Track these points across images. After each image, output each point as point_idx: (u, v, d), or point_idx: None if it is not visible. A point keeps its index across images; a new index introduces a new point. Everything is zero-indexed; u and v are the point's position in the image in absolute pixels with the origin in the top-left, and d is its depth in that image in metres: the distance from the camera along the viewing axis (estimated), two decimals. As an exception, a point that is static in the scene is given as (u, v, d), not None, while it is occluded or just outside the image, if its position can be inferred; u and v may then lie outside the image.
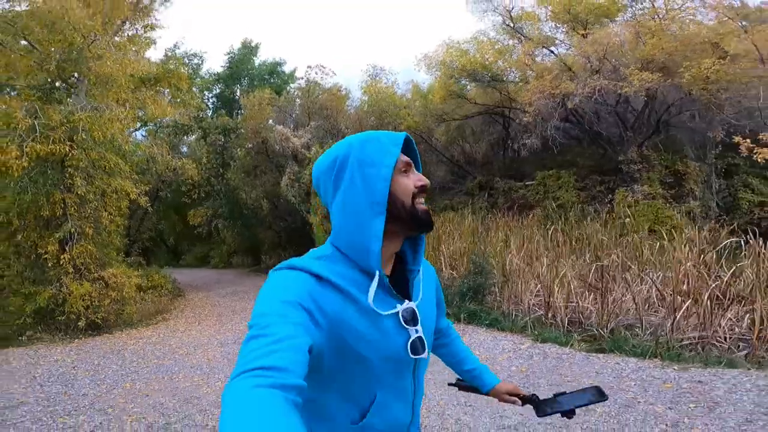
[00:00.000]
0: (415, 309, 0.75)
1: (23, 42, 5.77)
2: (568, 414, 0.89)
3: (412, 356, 0.73)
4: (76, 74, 6.07)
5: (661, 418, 2.51)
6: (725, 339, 3.24)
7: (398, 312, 0.73)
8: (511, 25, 11.25)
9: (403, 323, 0.73)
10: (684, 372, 3.11)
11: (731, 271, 3.82)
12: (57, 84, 6.51)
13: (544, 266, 4.96)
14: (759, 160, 4.83)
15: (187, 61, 13.99)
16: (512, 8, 11.13)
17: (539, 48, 10.30)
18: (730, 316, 3.33)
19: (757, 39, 6.35)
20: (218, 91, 17.36)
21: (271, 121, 13.33)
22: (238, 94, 17.39)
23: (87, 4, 5.68)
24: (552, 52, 9.85)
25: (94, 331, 6.25)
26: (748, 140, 4.94)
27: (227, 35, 30.98)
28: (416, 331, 0.74)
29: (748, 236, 4.49)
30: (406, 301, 0.74)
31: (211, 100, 17.79)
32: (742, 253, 4.44)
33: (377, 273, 0.71)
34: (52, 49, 5.58)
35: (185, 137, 14.17)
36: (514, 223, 8.66)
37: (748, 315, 3.32)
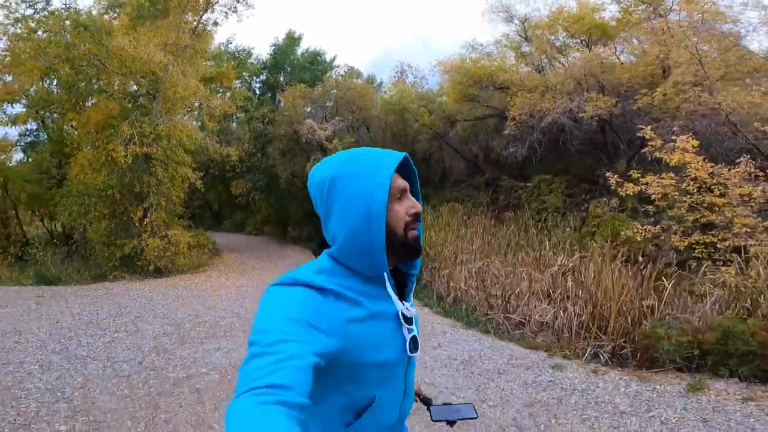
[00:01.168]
0: (411, 309, 0.82)
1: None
2: (451, 424, 1.03)
3: (408, 353, 0.79)
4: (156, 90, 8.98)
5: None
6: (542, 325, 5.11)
7: (399, 312, 0.78)
8: (524, 36, 12.78)
9: (403, 323, 0.79)
10: (499, 341, 5.04)
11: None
12: (142, 92, 9.45)
13: (472, 259, 7.09)
14: (622, 193, 6.39)
15: (237, 56, 16.79)
16: (527, 18, 12.61)
17: (540, 60, 11.85)
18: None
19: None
20: (264, 77, 20.13)
21: (308, 109, 15.91)
22: (282, 79, 20.08)
23: (163, 45, 8.44)
24: (539, 71, 11.40)
25: (158, 274, 9.31)
26: (616, 176, 6.44)
27: (276, 24, 33.79)
28: (411, 331, 0.79)
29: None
30: (404, 303, 0.80)
31: (257, 85, 20.72)
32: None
33: (385, 275, 0.75)
34: (139, 76, 8.46)
35: (232, 123, 17.18)
36: (492, 220, 10.61)
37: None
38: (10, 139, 14.50)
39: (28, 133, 14.77)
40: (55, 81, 11.38)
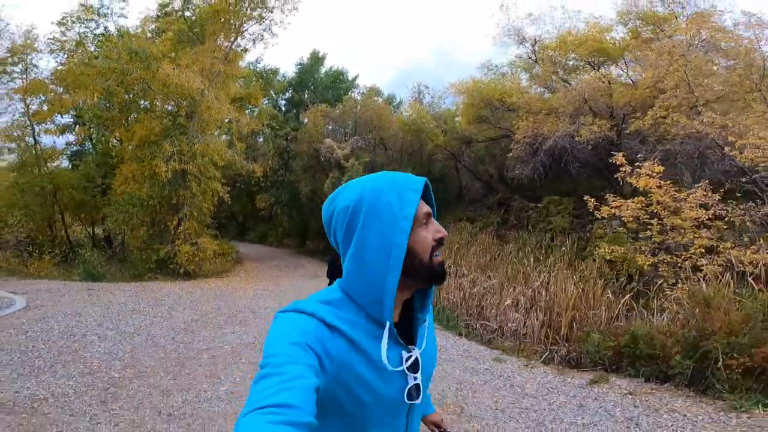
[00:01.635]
0: (419, 357, 0.80)
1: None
2: None
3: (407, 401, 0.79)
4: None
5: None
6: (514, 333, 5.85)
7: (401, 358, 0.77)
8: (534, 58, 13.63)
9: (405, 370, 0.78)
10: (466, 340, 5.81)
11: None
12: (181, 113, 10.92)
13: (468, 273, 7.88)
14: (598, 216, 7.02)
15: (264, 75, 18.42)
16: (536, 41, 13.44)
17: (550, 82, 12.62)
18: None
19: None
20: (289, 95, 21.76)
21: (330, 127, 17.22)
22: (306, 96, 21.65)
23: (200, 71, 9.87)
24: (551, 92, 12.16)
25: (186, 276, 10.53)
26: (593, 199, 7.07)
27: (300, 40, 36.21)
28: (415, 378, 0.79)
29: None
30: (413, 349, 0.80)
31: (282, 102, 22.38)
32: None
33: (387, 324, 0.75)
34: (180, 99, 9.92)
35: (258, 138, 18.75)
36: (495, 239, 11.34)
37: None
38: (58, 148, 16.48)
39: (73, 143, 16.75)
40: (108, 100, 13.10)
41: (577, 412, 3.30)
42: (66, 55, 13.64)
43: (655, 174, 5.92)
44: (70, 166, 16.36)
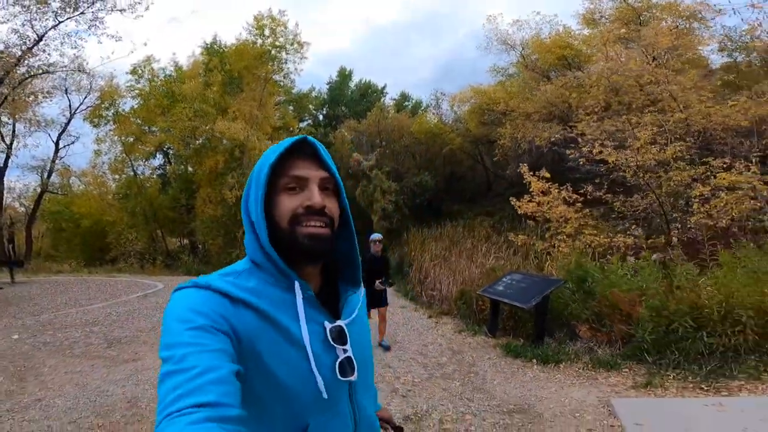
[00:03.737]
0: (344, 327, 0.77)
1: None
2: None
3: (341, 377, 0.74)
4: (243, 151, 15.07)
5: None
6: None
7: (325, 330, 0.74)
8: (523, 61, 16.33)
9: (330, 341, 0.74)
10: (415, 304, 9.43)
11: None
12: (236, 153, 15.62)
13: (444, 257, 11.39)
14: (519, 212, 9.97)
15: (298, 99, 22.90)
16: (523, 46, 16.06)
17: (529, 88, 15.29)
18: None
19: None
20: (325, 111, 26.07)
21: (357, 138, 21.11)
22: (342, 109, 25.75)
23: (244, 118, 14.42)
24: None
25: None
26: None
27: (331, 63, 40.68)
28: (344, 351, 0.75)
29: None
30: (337, 321, 0.77)
31: (321, 116, 26.77)
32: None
33: (297, 284, 0.72)
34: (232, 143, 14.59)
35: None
36: (492, 230, 14.50)
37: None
38: (149, 176, 22.30)
39: (157, 169, 22.45)
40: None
41: (426, 324, 6.88)
42: (143, 100, 18.89)
43: (543, 179, 9.01)
44: (161, 187, 22.03)
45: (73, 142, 21.59)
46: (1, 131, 18.99)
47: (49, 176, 21.30)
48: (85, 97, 19.61)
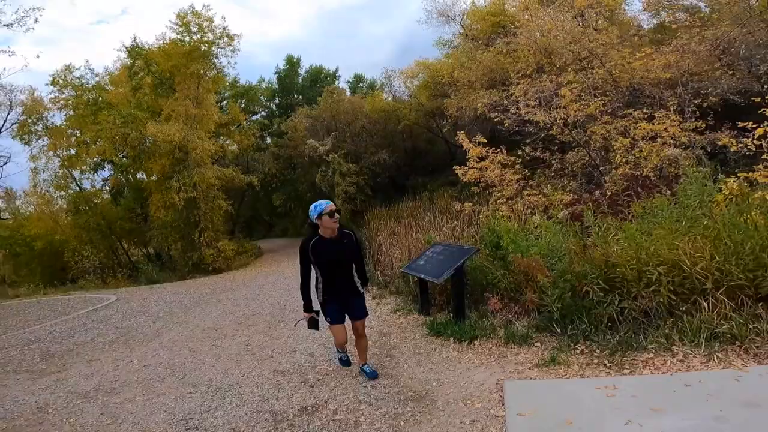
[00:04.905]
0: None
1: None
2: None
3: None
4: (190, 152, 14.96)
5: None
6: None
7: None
8: (464, 32, 16.56)
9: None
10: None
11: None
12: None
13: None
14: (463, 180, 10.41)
15: (245, 92, 22.63)
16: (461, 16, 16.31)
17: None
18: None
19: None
20: (278, 101, 25.84)
21: (311, 125, 21.10)
22: (296, 96, 25.58)
23: (179, 119, 14.29)
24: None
25: (216, 272, 15.24)
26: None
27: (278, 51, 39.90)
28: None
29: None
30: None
31: (274, 106, 26.55)
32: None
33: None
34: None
35: (254, 152, 23.12)
36: (453, 200, 14.89)
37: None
38: (97, 187, 21.76)
39: (107, 180, 21.85)
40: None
41: (368, 306, 7.22)
42: (72, 111, 18.22)
43: (479, 144, 9.35)
44: (112, 199, 21.50)
45: (5, 163, 20.68)
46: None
47: (-10, 201, 20.60)
48: (8, 114, 18.85)
